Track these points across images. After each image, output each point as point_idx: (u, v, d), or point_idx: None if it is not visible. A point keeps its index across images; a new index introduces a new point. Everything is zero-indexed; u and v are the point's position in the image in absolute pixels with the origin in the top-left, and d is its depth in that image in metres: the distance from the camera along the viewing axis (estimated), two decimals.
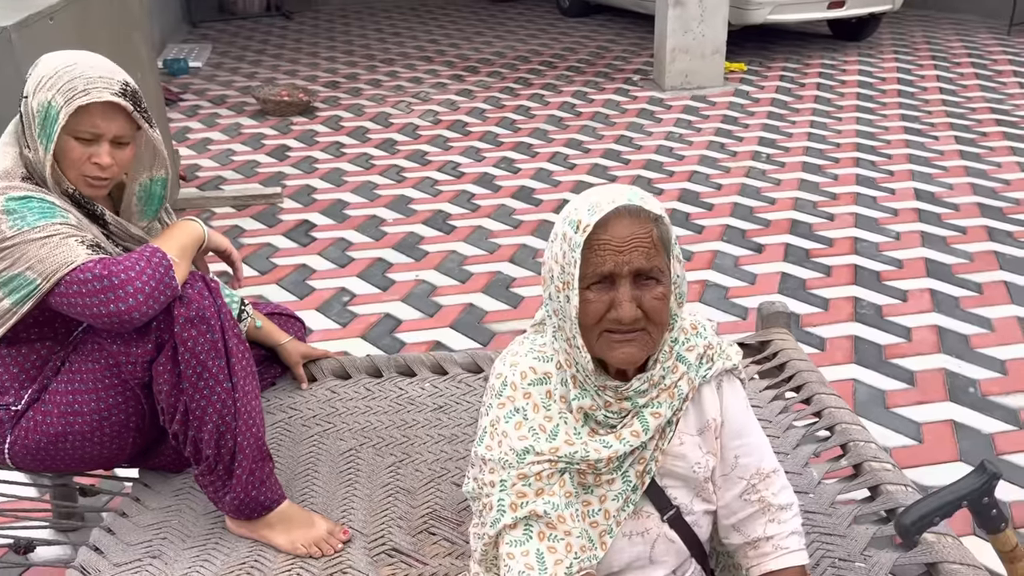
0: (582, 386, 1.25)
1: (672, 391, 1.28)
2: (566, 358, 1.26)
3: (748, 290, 3.49)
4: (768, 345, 2.15)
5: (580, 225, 1.18)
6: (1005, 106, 5.86)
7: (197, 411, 1.59)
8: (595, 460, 1.25)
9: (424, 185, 4.71)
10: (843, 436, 1.78)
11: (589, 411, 1.26)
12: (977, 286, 3.48)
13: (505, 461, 1.26)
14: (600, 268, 1.18)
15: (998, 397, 2.77)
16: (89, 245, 1.54)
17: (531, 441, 1.25)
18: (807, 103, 6.05)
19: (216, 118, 5.98)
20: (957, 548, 1.47)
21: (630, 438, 1.25)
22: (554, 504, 1.24)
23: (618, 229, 1.18)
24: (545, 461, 1.25)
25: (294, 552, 1.66)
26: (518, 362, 1.31)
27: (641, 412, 1.26)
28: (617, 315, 1.18)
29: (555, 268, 1.21)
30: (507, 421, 1.27)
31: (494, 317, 3.33)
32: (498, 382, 1.31)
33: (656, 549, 1.34)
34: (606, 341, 1.21)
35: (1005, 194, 4.40)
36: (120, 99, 1.56)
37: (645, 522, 1.32)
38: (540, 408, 1.27)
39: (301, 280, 3.65)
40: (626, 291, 1.18)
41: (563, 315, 1.22)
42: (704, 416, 1.33)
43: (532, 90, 6.57)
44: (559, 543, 1.23)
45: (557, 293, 1.21)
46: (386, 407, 2.07)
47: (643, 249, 1.18)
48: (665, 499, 1.33)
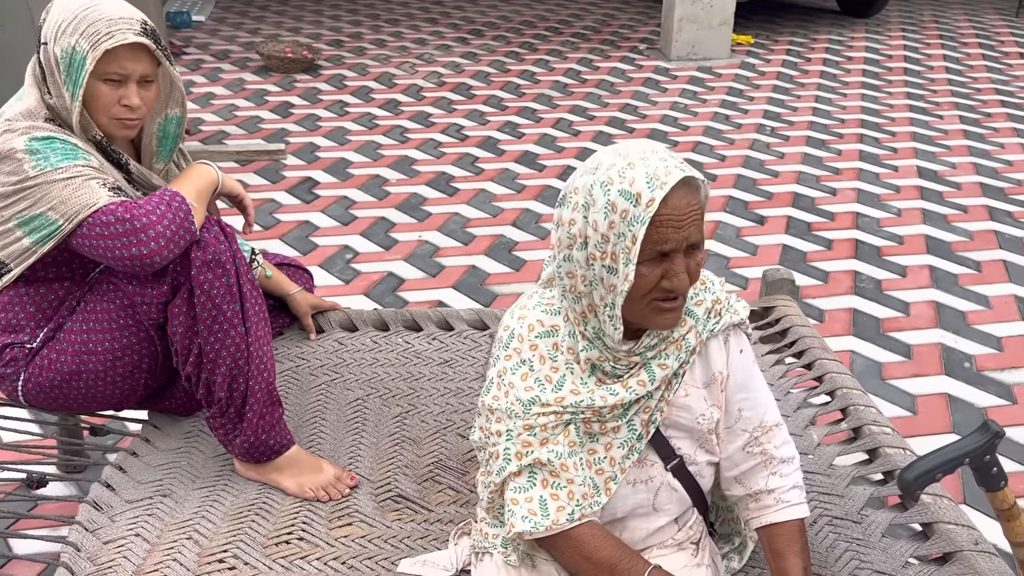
0: (590, 341, 1.27)
1: (680, 343, 1.30)
2: (575, 316, 1.27)
3: (749, 260, 3.52)
4: (771, 311, 2.18)
5: (641, 199, 1.14)
6: (1011, 87, 5.86)
7: (211, 353, 1.61)
8: (600, 407, 1.27)
9: (427, 147, 4.70)
10: (843, 400, 1.82)
11: (597, 362, 1.28)
12: (976, 264, 3.51)
13: (511, 411, 1.28)
14: (661, 246, 1.16)
15: (993, 372, 2.81)
16: (111, 188, 1.55)
17: (537, 392, 1.28)
18: (813, 78, 6.04)
19: (219, 73, 5.93)
20: (952, 509, 1.51)
21: (636, 387, 1.28)
22: (558, 453, 1.27)
23: (677, 202, 1.15)
24: (551, 412, 1.27)
25: (302, 496, 1.69)
26: (526, 315, 1.33)
27: (648, 363, 1.28)
28: (672, 285, 1.18)
29: (592, 236, 1.18)
30: (513, 372, 1.30)
31: (496, 279, 3.35)
32: (506, 334, 1.33)
33: (659, 497, 1.37)
34: (654, 308, 1.21)
35: (1007, 174, 4.42)
36: (144, 38, 1.56)
37: (649, 471, 1.36)
38: (546, 359, 1.29)
39: (304, 236, 3.65)
40: (681, 262, 1.18)
41: (601, 284, 1.20)
42: (710, 369, 1.35)
43: (537, 55, 6.54)
44: (562, 491, 1.26)
45: (592, 261, 1.19)
46: (392, 359, 2.10)
47: (698, 222, 1.18)
48: (669, 449, 1.36)
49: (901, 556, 1.47)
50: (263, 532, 1.59)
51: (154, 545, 1.54)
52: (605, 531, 1.29)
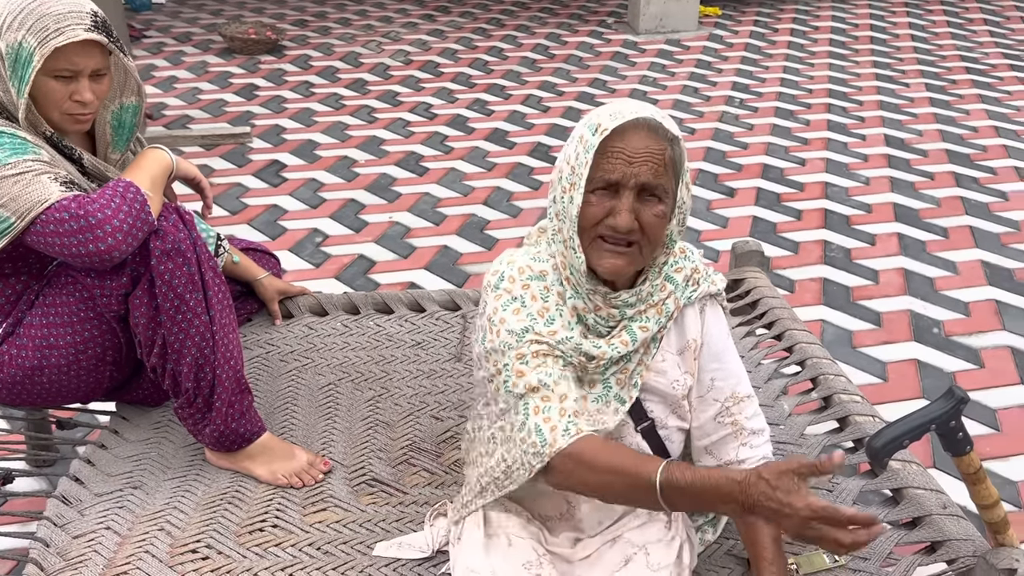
0: (575, 287, 1.30)
1: (660, 307, 1.33)
2: (561, 260, 1.31)
3: (720, 233, 3.53)
4: (741, 283, 2.18)
5: (599, 128, 1.21)
6: (975, 54, 5.90)
7: (175, 344, 1.58)
8: (588, 355, 1.29)
9: (396, 126, 4.65)
10: (813, 370, 1.83)
11: (581, 312, 1.31)
12: (943, 230, 3.54)
13: (505, 344, 1.29)
14: (609, 175, 1.22)
15: (961, 337, 2.84)
16: (63, 182, 1.50)
17: (529, 323, 1.29)
18: (780, 49, 6.04)
19: (181, 56, 5.83)
20: (921, 474, 1.53)
21: (620, 346, 1.30)
22: (549, 373, 1.26)
23: (633, 140, 1.21)
24: (544, 343, 1.28)
25: (275, 483, 1.68)
26: (515, 259, 1.36)
27: (629, 325, 1.31)
28: (614, 222, 1.22)
29: (565, 168, 1.26)
30: (505, 309, 1.31)
31: (469, 259, 3.33)
32: (495, 278, 1.35)
33: None
34: (598, 247, 1.25)
35: (972, 141, 4.46)
36: (95, 34, 1.51)
37: (620, 430, 1.37)
38: (538, 298, 1.32)
39: (272, 220, 3.61)
40: (627, 201, 1.22)
41: (564, 215, 1.26)
42: (685, 336, 1.38)
43: (505, 31, 6.48)
44: (553, 412, 1.24)
45: (563, 194, 1.26)
46: (364, 343, 2.08)
47: (653, 165, 1.22)
48: (642, 411, 1.37)
49: None
50: (236, 520, 1.58)
51: (125, 538, 1.52)
52: (607, 442, 1.25)
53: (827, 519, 1.01)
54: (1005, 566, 1.24)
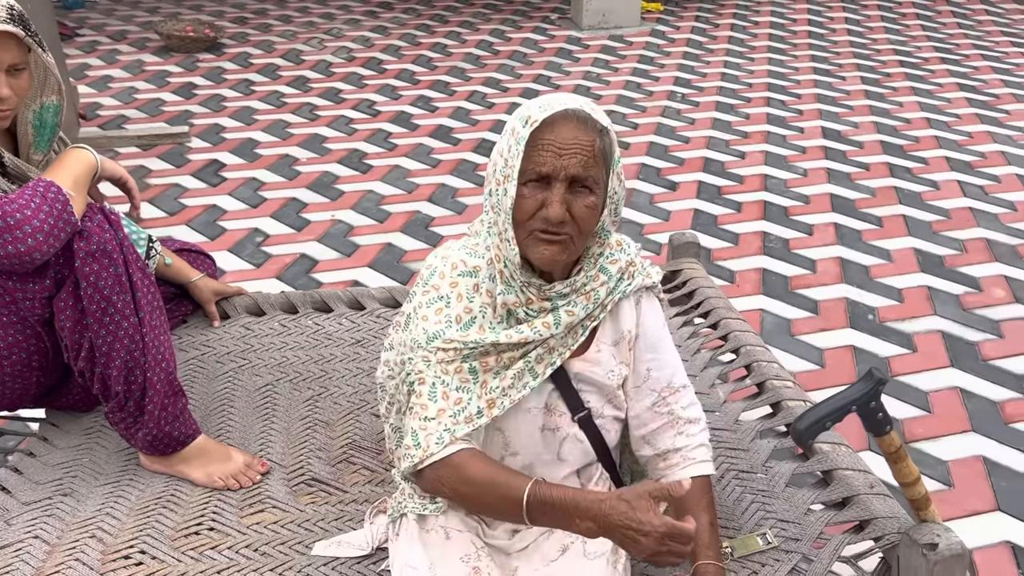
0: (508, 282, 1.31)
1: (589, 295, 1.34)
2: (496, 253, 1.31)
3: (663, 226, 3.57)
4: (678, 274, 2.21)
5: (529, 120, 1.22)
6: (908, 48, 6.06)
7: (104, 347, 1.55)
8: (503, 344, 1.31)
9: (339, 124, 4.62)
10: (747, 357, 1.86)
11: (513, 307, 1.31)
12: (878, 220, 3.63)
13: (415, 342, 1.33)
14: (539, 167, 1.23)
15: (895, 323, 2.92)
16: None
17: (443, 327, 1.31)
18: (721, 43, 6.13)
19: (117, 54, 5.70)
20: (849, 456, 1.57)
21: (541, 328, 1.31)
22: (444, 381, 1.30)
23: (563, 132, 1.22)
24: (451, 348, 1.30)
25: (211, 485, 1.66)
26: (450, 255, 1.37)
27: (557, 308, 1.32)
28: (546, 214, 1.23)
29: (499, 161, 1.27)
30: (429, 306, 1.33)
31: (413, 256, 3.32)
32: (427, 271, 1.37)
33: (564, 447, 1.40)
34: (533, 239, 1.26)
35: (906, 132, 4.58)
36: (9, 26, 1.48)
37: (557, 420, 1.39)
38: (463, 298, 1.33)
39: (212, 220, 3.55)
40: (558, 193, 1.23)
41: (499, 208, 1.27)
42: (620, 328, 1.39)
43: (449, 27, 6.47)
44: (430, 421, 1.29)
45: (497, 187, 1.27)
46: (303, 342, 2.06)
47: (582, 157, 1.23)
48: (578, 401, 1.38)
49: (803, 504, 1.52)
50: (171, 525, 1.55)
51: (54, 546, 1.49)
52: (484, 455, 1.30)
53: (677, 536, 1.12)
54: (927, 541, 1.28)
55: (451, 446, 1.28)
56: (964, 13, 6.98)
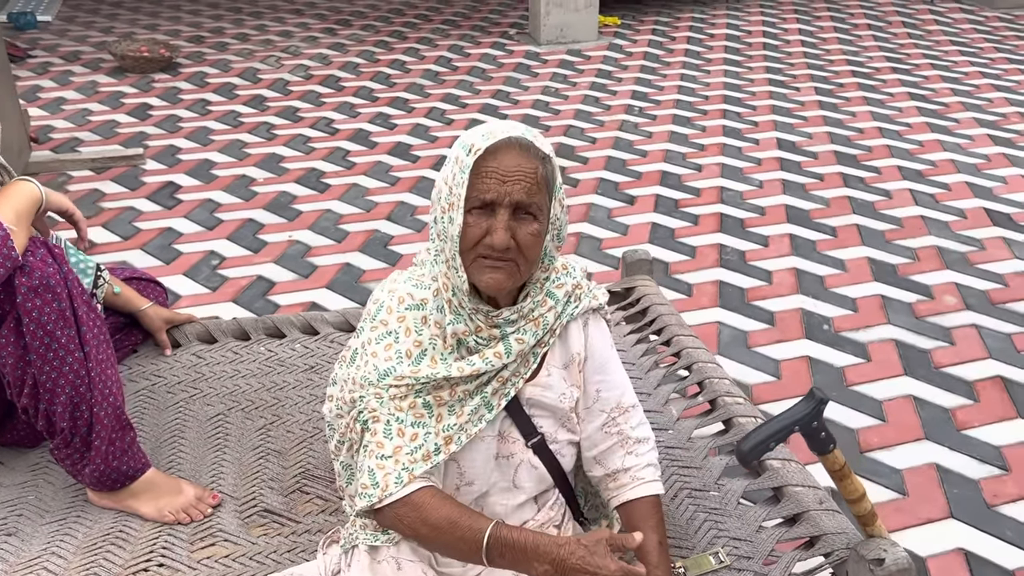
0: (456, 311, 1.31)
1: (538, 321, 1.35)
2: (444, 282, 1.31)
3: (620, 241, 3.59)
4: (632, 291, 2.22)
5: (472, 148, 1.23)
6: (860, 58, 6.17)
7: (48, 383, 1.52)
8: (456, 377, 1.30)
9: (296, 143, 4.59)
10: (700, 374, 1.88)
11: (462, 336, 1.31)
12: (832, 230, 3.68)
13: (366, 380, 1.32)
14: (483, 194, 1.24)
15: (849, 333, 2.96)
16: None
17: (395, 363, 1.31)
18: (678, 56, 6.20)
19: (70, 76, 5.62)
20: (799, 472, 1.58)
21: (492, 358, 1.31)
22: (398, 418, 1.30)
23: (506, 159, 1.24)
24: (403, 385, 1.30)
25: (162, 520, 1.63)
26: (396, 288, 1.36)
27: (507, 337, 1.32)
28: (491, 241, 1.24)
29: (444, 189, 1.27)
30: (378, 342, 1.33)
31: (372, 276, 3.31)
32: (374, 307, 1.37)
33: (519, 474, 1.40)
34: (478, 265, 1.27)
35: (859, 142, 4.65)
36: None
37: (511, 447, 1.38)
38: (412, 332, 1.33)
39: (167, 244, 3.51)
40: (503, 220, 1.24)
41: (445, 235, 1.27)
42: (569, 351, 1.40)
43: (407, 44, 6.47)
44: (387, 460, 1.29)
45: (442, 214, 1.27)
46: (255, 370, 2.04)
47: (526, 184, 1.24)
48: (531, 426, 1.39)
49: (755, 521, 1.53)
50: (119, 563, 1.53)
51: None
52: (444, 494, 1.30)
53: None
54: (873, 556, 1.29)
55: (410, 485, 1.28)
56: (914, 23, 7.13)
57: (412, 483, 1.28)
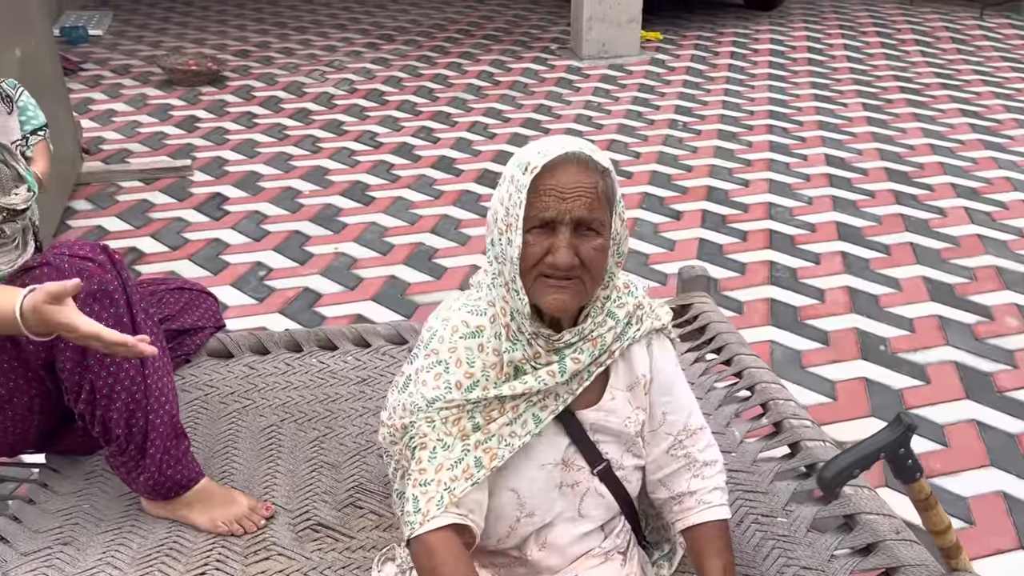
0: (514, 337, 1.26)
1: (596, 341, 1.30)
2: (502, 306, 1.27)
3: (668, 256, 3.54)
4: (689, 308, 2.17)
5: (528, 167, 1.19)
6: (908, 74, 6.06)
7: (104, 389, 1.51)
8: (507, 395, 1.27)
9: (341, 155, 4.61)
10: (763, 395, 1.82)
11: (520, 364, 1.27)
12: (885, 248, 3.60)
13: (415, 406, 1.29)
14: (543, 213, 1.19)
15: (907, 354, 2.87)
16: None
17: (443, 392, 1.27)
18: (721, 72, 6.14)
19: (120, 88, 5.71)
20: (873, 499, 1.52)
21: (546, 377, 1.27)
22: (445, 444, 1.26)
23: (564, 176, 1.19)
24: (454, 406, 1.27)
25: (215, 531, 1.61)
26: (450, 316, 1.32)
27: (563, 357, 1.28)
28: (554, 260, 1.19)
29: (500, 210, 1.23)
30: (428, 371, 1.29)
31: (417, 289, 3.29)
32: (428, 334, 1.33)
33: (585, 503, 1.35)
34: (541, 285, 1.22)
35: (910, 159, 4.56)
36: None
37: (576, 475, 1.34)
38: (463, 363, 1.28)
39: (214, 255, 3.53)
40: (565, 237, 1.19)
41: (504, 258, 1.23)
42: (634, 373, 1.35)
43: (449, 59, 6.49)
44: (430, 485, 1.25)
45: (500, 235, 1.23)
46: (307, 381, 2.02)
47: (586, 199, 1.19)
48: (596, 453, 1.34)
49: (826, 550, 1.47)
50: (174, 574, 1.50)
51: None
52: (461, 550, 1.24)
53: None
54: None
55: (445, 515, 1.23)
56: (963, 39, 7.01)
57: (446, 514, 1.23)
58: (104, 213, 3.88)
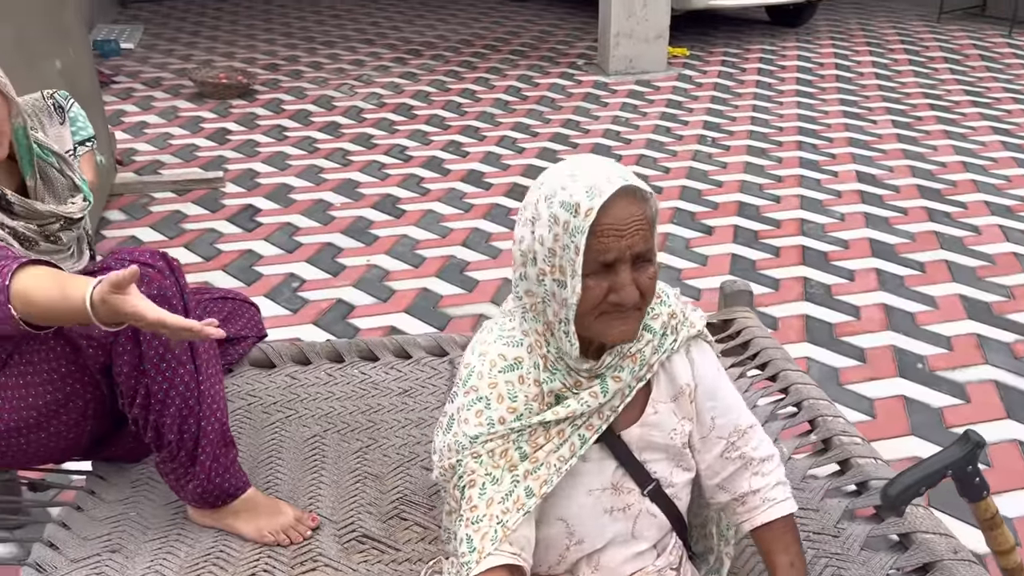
0: (553, 367, 1.25)
1: (635, 357, 1.28)
2: (536, 339, 1.25)
3: (700, 271, 3.52)
4: (731, 323, 2.16)
5: (580, 209, 1.13)
6: (938, 91, 6.03)
7: (159, 394, 1.52)
8: (551, 420, 1.25)
9: (371, 169, 4.63)
10: (811, 412, 1.80)
11: (560, 393, 1.26)
12: (920, 265, 3.57)
13: (460, 445, 1.26)
14: (603, 256, 1.14)
15: (945, 372, 2.84)
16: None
17: (486, 428, 1.25)
18: (749, 87, 6.13)
19: (151, 101, 5.78)
20: (929, 518, 1.50)
21: (588, 398, 1.26)
22: (494, 478, 1.24)
23: (619, 211, 1.14)
24: (498, 438, 1.24)
25: (261, 541, 1.61)
26: (487, 351, 1.28)
27: (604, 377, 1.26)
28: (619, 299, 1.16)
29: (540, 251, 1.18)
30: (468, 408, 1.26)
31: (449, 301, 3.29)
32: (466, 371, 1.29)
33: (638, 524, 1.34)
34: (604, 321, 1.19)
35: (942, 176, 4.53)
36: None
37: (626, 498, 1.32)
38: (505, 399, 1.25)
39: (248, 266, 3.55)
40: (627, 275, 1.16)
41: (553, 299, 1.19)
42: (677, 383, 1.34)
43: (477, 73, 6.52)
44: (482, 521, 1.23)
45: (543, 276, 1.19)
46: (349, 392, 2.02)
47: (643, 232, 1.16)
48: (645, 474, 1.32)
49: (882, 569, 1.45)
50: None
51: None
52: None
53: None
54: None
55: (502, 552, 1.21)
56: (992, 56, 6.97)
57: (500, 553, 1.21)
58: (138, 224, 3.92)
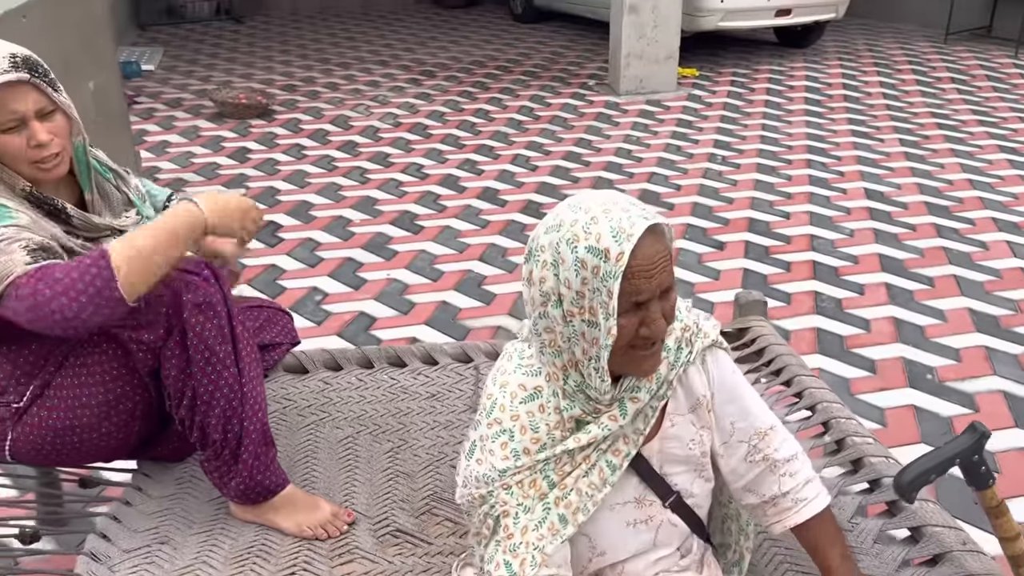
0: (572, 396, 1.27)
1: (651, 376, 1.29)
2: (553, 371, 1.27)
3: (713, 285, 3.60)
4: (746, 332, 2.24)
5: (610, 255, 1.14)
6: (945, 111, 6.12)
7: (205, 396, 1.61)
8: (574, 448, 1.28)
9: (389, 186, 4.73)
10: (824, 414, 1.88)
11: (580, 418, 1.28)
12: (929, 279, 3.64)
13: (489, 477, 1.27)
14: (636, 298, 1.17)
15: (954, 383, 2.91)
16: (33, 249, 1.44)
17: (513, 461, 1.27)
18: (758, 107, 6.23)
19: (173, 121, 5.91)
20: (938, 512, 1.57)
21: (608, 422, 1.27)
22: (525, 507, 1.27)
23: (646, 252, 1.16)
24: (525, 469, 1.27)
25: (300, 535, 1.69)
26: (507, 381, 1.30)
27: (622, 400, 1.28)
28: (650, 332, 1.19)
29: (567, 294, 1.18)
30: (494, 440, 1.28)
31: (468, 314, 3.38)
32: (488, 402, 1.31)
33: (660, 534, 1.37)
34: (632, 357, 1.22)
35: (949, 193, 4.61)
36: (15, 73, 1.47)
37: (648, 510, 1.35)
38: (528, 429, 1.28)
39: (272, 280, 3.64)
40: (657, 309, 1.19)
41: (582, 339, 1.21)
42: (694, 394, 1.35)
43: (490, 94, 6.64)
44: (519, 547, 1.26)
45: (571, 317, 1.20)
46: (379, 396, 2.11)
47: (668, 267, 1.19)
48: (666, 486, 1.35)
49: (894, 560, 1.52)
50: (266, 574, 1.58)
51: None
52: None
53: None
54: None
55: (543, 570, 1.25)
56: (998, 76, 7.06)
57: (541, 571, 1.24)
58: None
